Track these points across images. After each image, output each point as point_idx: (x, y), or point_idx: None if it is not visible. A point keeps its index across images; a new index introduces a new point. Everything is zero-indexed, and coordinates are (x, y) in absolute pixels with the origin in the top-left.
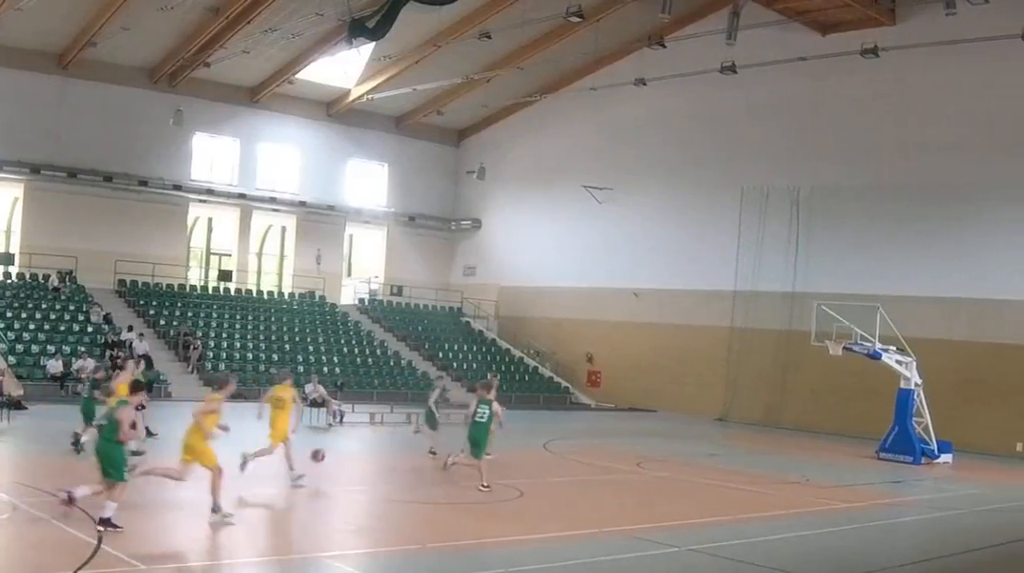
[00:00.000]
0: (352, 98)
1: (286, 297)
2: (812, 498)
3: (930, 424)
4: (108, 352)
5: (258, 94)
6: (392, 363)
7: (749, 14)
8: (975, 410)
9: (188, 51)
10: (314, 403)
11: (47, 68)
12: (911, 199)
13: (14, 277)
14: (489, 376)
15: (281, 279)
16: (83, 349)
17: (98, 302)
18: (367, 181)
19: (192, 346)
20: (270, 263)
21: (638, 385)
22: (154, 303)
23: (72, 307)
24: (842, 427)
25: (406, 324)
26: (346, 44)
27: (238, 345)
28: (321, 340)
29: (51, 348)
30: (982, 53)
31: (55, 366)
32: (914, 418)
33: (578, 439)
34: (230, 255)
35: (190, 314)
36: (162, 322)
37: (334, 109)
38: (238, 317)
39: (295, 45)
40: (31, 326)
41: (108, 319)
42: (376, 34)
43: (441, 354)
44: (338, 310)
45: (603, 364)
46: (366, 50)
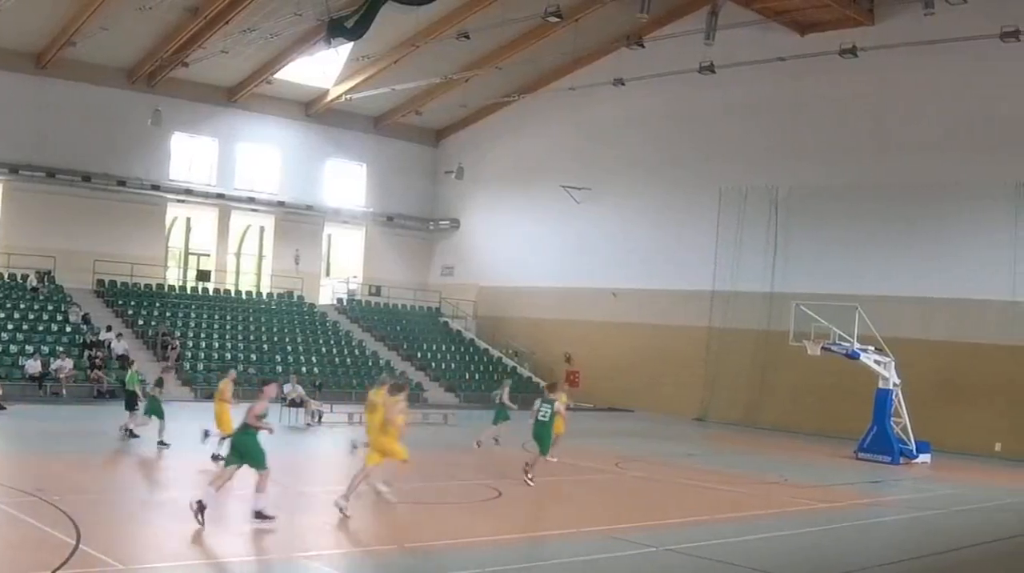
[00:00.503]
0: (331, 98)
1: (264, 297)
2: (790, 498)
3: (908, 424)
4: (87, 352)
5: (237, 94)
6: (371, 363)
7: (727, 14)
8: (954, 410)
9: (167, 51)
10: (292, 403)
11: (26, 68)
12: (890, 199)
13: None
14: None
15: (260, 279)
16: (61, 349)
17: (77, 302)
18: (345, 181)
19: (170, 346)
20: (249, 263)
21: (617, 385)
22: (132, 303)
23: (51, 307)
24: (821, 427)
25: (384, 324)
26: (324, 44)
27: (216, 345)
28: (299, 340)
29: (29, 348)
30: (961, 53)
31: (33, 366)
32: (892, 418)
33: (563, 439)
34: (208, 255)
35: (168, 314)
36: (140, 322)
37: (313, 109)
38: (216, 317)
39: (274, 45)
40: (9, 326)
41: (87, 319)
42: (354, 34)
43: (419, 354)
44: (316, 310)
45: (582, 364)
46: (344, 50)
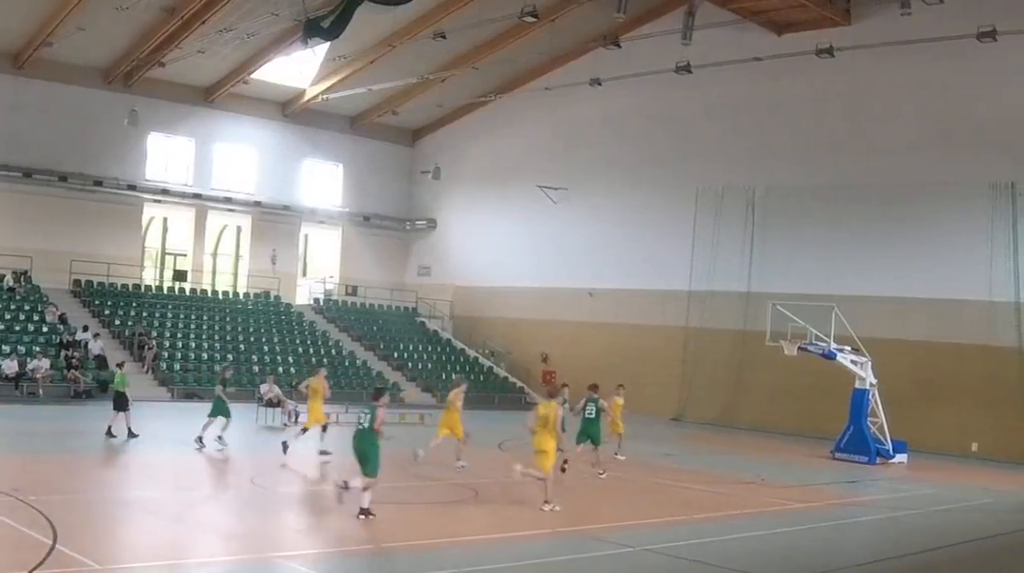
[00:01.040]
0: (307, 98)
1: (241, 297)
2: (768, 498)
3: (885, 424)
4: (63, 352)
5: (213, 94)
6: (347, 363)
7: (704, 14)
8: (931, 410)
9: (143, 51)
10: (269, 403)
11: (2, 68)
12: (866, 199)
13: None
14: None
15: (236, 279)
16: (38, 349)
17: (53, 302)
18: (322, 181)
19: (147, 346)
20: (225, 263)
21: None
22: (109, 303)
23: (27, 307)
24: (798, 427)
25: (361, 324)
26: (301, 44)
27: (193, 345)
28: (276, 340)
29: (6, 348)
30: (937, 53)
31: (10, 366)
32: (869, 418)
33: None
34: (185, 255)
35: (145, 314)
36: (117, 322)
37: (289, 109)
38: (193, 317)
39: (250, 45)
40: None
41: (63, 319)
42: (331, 34)
43: (396, 354)
44: (293, 310)
45: (558, 364)
46: (321, 50)
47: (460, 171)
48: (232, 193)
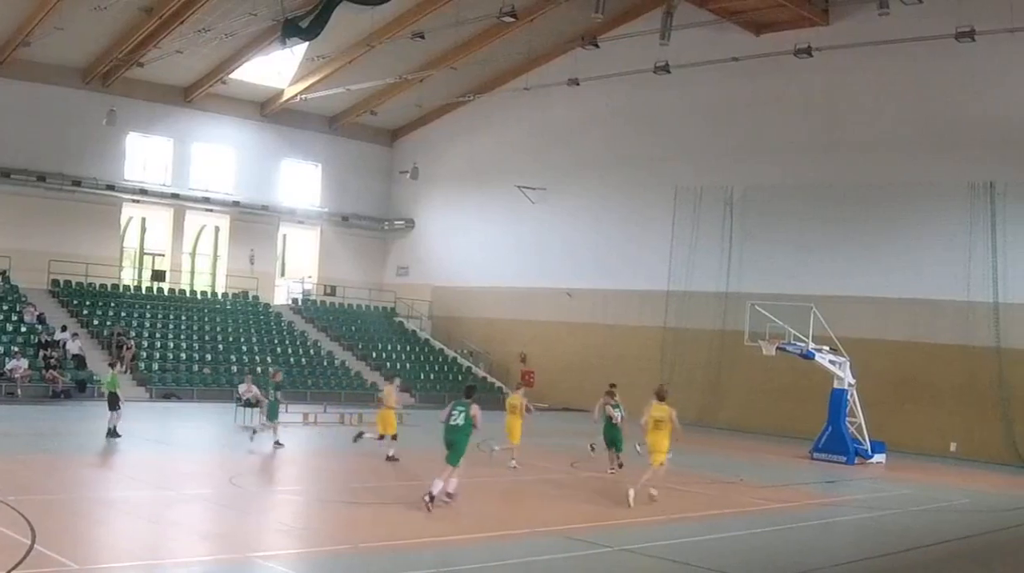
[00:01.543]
0: (286, 98)
1: (219, 297)
2: (746, 498)
3: (863, 424)
4: (42, 352)
5: (191, 94)
6: (326, 363)
7: (682, 14)
8: (909, 410)
9: (121, 51)
10: (248, 403)
11: None
12: (845, 199)
13: None
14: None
15: (215, 279)
16: (16, 349)
17: (32, 302)
18: (301, 181)
19: (125, 346)
20: (204, 263)
21: (571, 385)
22: (88, 303)
23: (5, 307)
24: (776, 427)
25: (340, 324)
26: (280, 44)
27: (171, 345)
28: (255, 340)
29: None
30: (916, 53)
31: None
32: (848, 418)
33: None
34: (163, 255)
35: (123, 314)
36: (95, 322)
37: (268, 109)
38: (171, 317)
39: (229, 45)
40: None
41: (42, 319)
42: (309, 34)
43: (375, 354)
44: (271, 310)
45: (536, 364)
46: (299, 50)
47: (439, 171)
48: (210, 193)
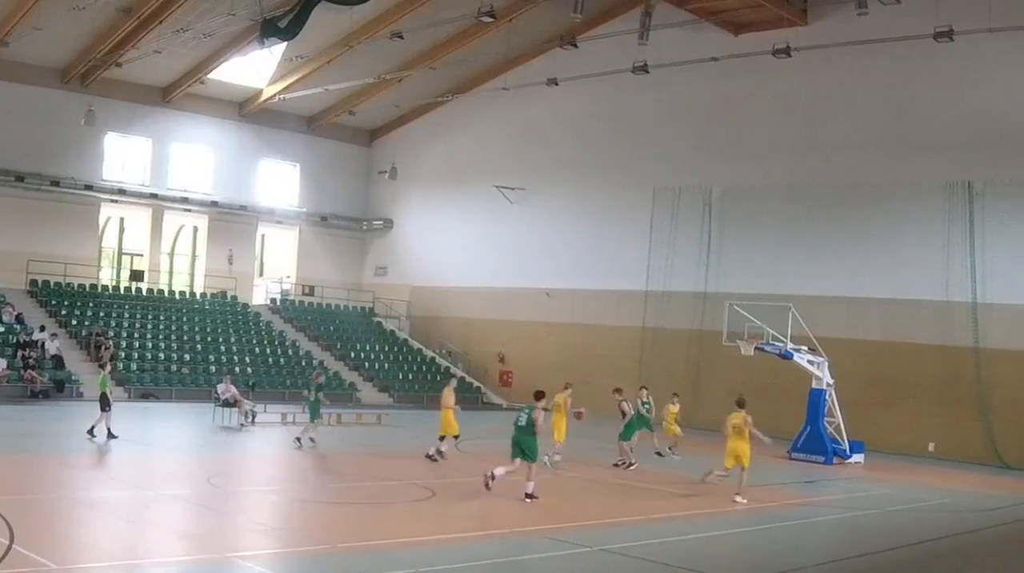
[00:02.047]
0: (264, 98)
1: (198, 297)
2: (723, 498)
3: (842, 424)
4: (20, 352)
5: (170, 94)
6: (304, 363)
7: (661, 14)
8: (888, 410)
9: (100, 51)
10: (226, 403)
11: None
12: (823, 199)
13: None
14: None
15: (193, 279)
16: None
17: (10, 302)
18: (279, 181)
19: (104, 346)
20: (182, 263)
21: (550, 385)
22: (66, 303)
23: None
24: (755, 427)
25: (318, 324)
26: (258, 44)
27: (150, 345)
28: (233, 340)
29: None
30: (894, 53)
31: None
32: (826, 418)
33: (490, 439)
34: (142, 255)
35: (102, 314)
36: (74, 322)
37: (246, 109)
38: (150, 317)
39: (207, 45)
40: None
41: (20, 319)
42: (288, 34)
43: (353, 354)
44: (250, 310)
45: (515, 364)
46: (278, 50)
47: (417, 171)
48: (189, 193)
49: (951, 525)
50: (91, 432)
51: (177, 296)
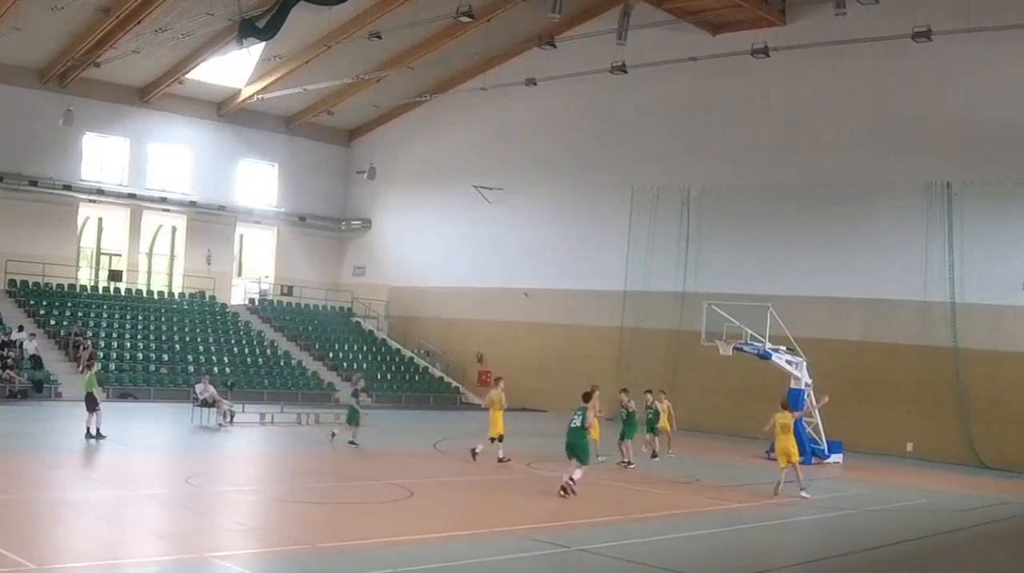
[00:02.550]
0: (242, 98)
1: (176, 297)
2: (703, 498)
3: (820, 424)
4: None
5: (148, 94)
6: (282, 363)
7: (639, 14)
8: (866, 410)
9: (78, 51)
10: (205, 403)
11: None
12: (802, 199)
13: None
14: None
15: (171, 279)
16: None
17: None
18: (257, 181)
19: (82, 346)
20: (160, 263)
21: (528, 385)
22: (44, 303)
23: None
24: (733, 427)
25: (296, 324)
26: (236, 44)
27: (128, 345)
28: (211, 340)
29: None
30: (873, 53)
31: None
32: (804, 418)
33: (468, 439)
34: (120, 255)
35: (80, 314)
36: (52, 322)
37: (224, 109)
38: (128, 317)
39: (185, 45)
40: None
41: None
42: (266, 34)
43: (331, 354)
44: (228, 310)
45: (493, 364)
46: (256, 50)
47: (395, 171)
48: (167, 193)
49: (929, 525)
50: (95, 434)
51: (155, 296)
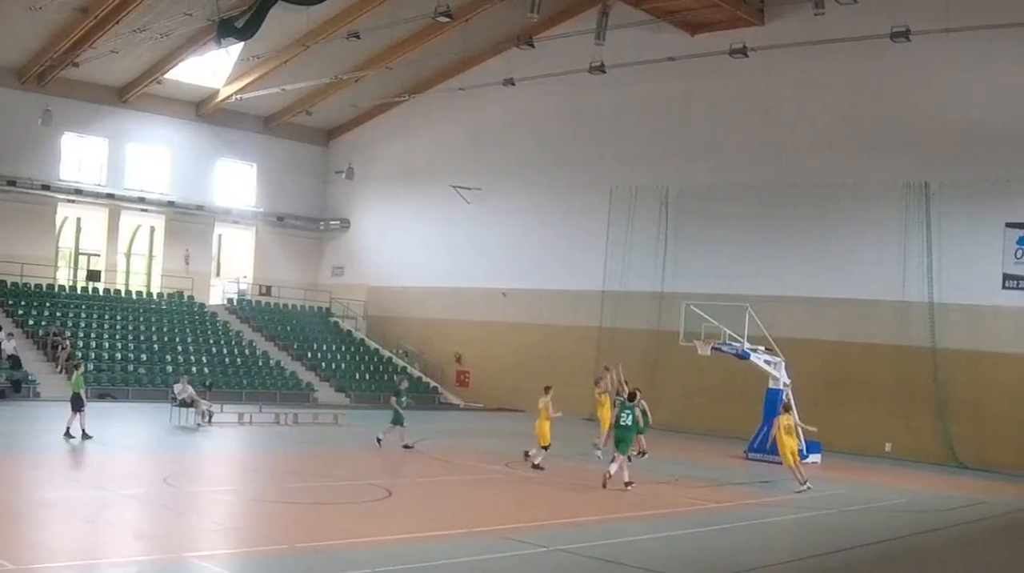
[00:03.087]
0: (221, 98)
1: (155, 297)
2: (681, 498)
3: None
4: None
5: (127, 94)
6: (261, 363)
7: (617, 14)
8: (845, 410)
9: (57, 51)
10: (183, 403)
11: None
12: (780, 199)
13: None
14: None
15: (150, 279)
16: None
17: None
18: (236, 181)
19: (61, 346)
20: (139, 263)
21: (507, 385)
22: (23, 303)
23: None
24: (711, 427)
25: (275, 324)
26: (215, 44)
27: (107, 345)
28: (190, 340)
29: None
30: (851, 53)
31: None
32: None
33: (447, 439)
34: (99, 255)
35: (59, 314)
36: (31, 322)
37: (203, 109)
38: (107, 317)
39: (164, 45)
40: None
41: None
42: (245, 34)
43: (310, 354)
44: (207, 310)
45: (472, 364)
46: (235, 50)
47: (374, 171)
48: (146, 193)
49: (907, 525)
50: (81, 434)
51: (134, 296)
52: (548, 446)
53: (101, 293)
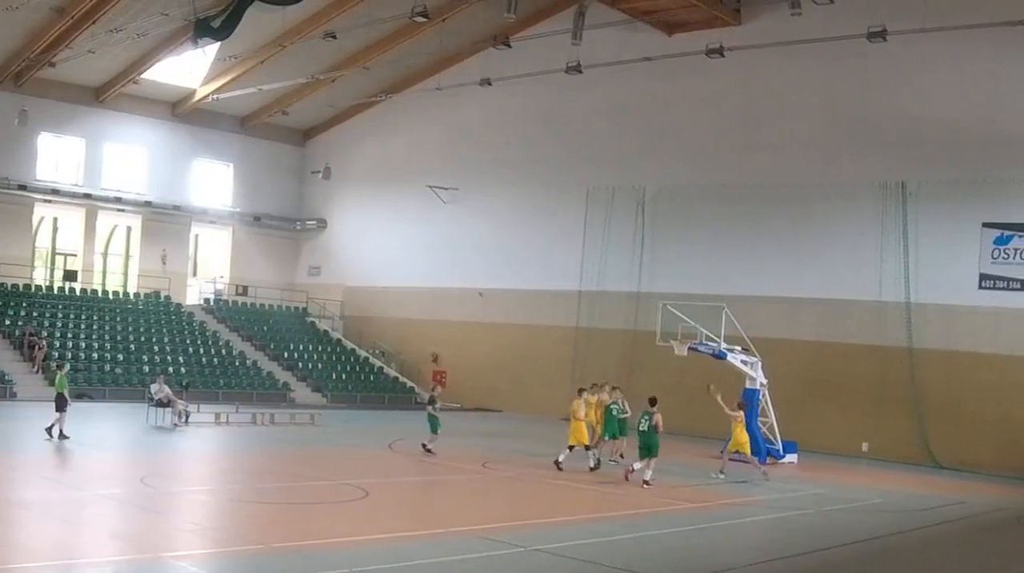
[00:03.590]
0: (198, 98)
1: (131, 297)
2: (658, 498)
3: (775, 424)
4: None
5: (104, 94)
6: (238, 363)
7: (594, 14)
8: (821, 410)
9: (33, 51)
10: (160, 403)
11: None
12: (757, 199)
13: None
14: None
15: (126, 279)
16: None
17: None
18: (212, 181)
19: (37, 346)
20: (116, 263)
21: (483, 385)
22: None
23: None
24: (688, 427)
25: (252, 324)
26: (192, 44)
27: (83, 345)
28: (167, 340)
29: None
30: (827, 53)
31: None
32: (760, 418)
33: (423, 439)
34: (75, 255)
35: (35, 314)
36: (7, 322)
37: (180, 109)
38: (84, 317)
39: (141, 45)
40: None
41: None
42: (221, 34)
43: (287, 354)
44: (184, 310)
45: (448, 364)
46: (211, 50)
47: (350, 171)
48: (122, 193)
49: (884, 525)
50: (61, 433)
51: (111, 296)
52: (573, 447)
53: (78, 293)
